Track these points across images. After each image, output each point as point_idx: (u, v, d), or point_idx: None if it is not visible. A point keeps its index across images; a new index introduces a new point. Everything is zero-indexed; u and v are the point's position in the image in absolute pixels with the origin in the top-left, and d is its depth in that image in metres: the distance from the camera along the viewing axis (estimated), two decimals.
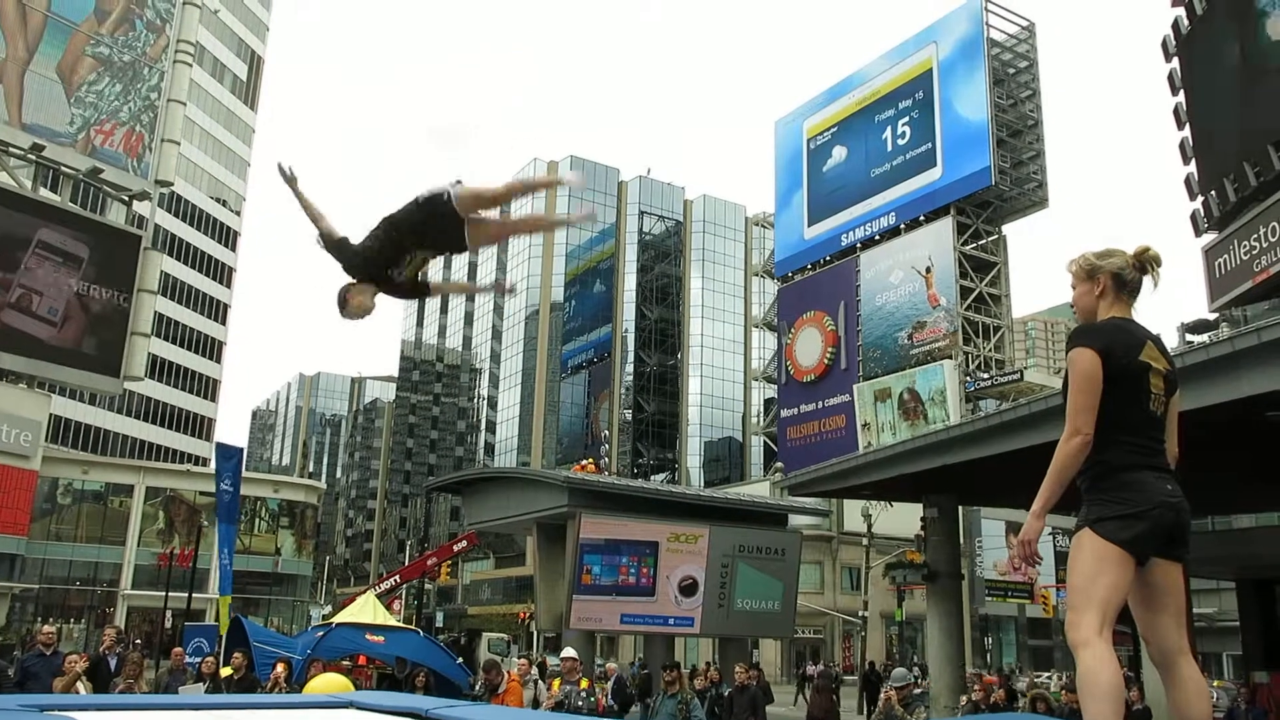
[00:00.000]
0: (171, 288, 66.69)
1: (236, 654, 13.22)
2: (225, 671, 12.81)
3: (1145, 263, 3.15)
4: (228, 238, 76.89)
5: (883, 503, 30.04)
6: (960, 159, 51.18)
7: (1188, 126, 23.85)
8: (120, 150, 45.90)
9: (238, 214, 78.46)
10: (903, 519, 32.03)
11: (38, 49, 43.41)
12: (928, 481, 20.50)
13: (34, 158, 42.58)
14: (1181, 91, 24.13)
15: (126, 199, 47.41)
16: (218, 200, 75.61)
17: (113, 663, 12.00)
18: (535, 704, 12.44)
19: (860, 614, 38.09)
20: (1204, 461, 2.89)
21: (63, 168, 44.09)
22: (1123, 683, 2.78)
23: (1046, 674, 41.08)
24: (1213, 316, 24.32)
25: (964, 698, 17.16)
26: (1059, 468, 2.98)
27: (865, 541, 35.88)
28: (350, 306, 4.73)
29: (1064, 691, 16.18)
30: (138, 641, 39.11)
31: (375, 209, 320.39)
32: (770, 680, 27.26)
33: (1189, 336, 22.00)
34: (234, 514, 25.77)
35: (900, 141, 54.97)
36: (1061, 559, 49.10)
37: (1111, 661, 2.77)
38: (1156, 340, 3.11)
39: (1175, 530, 2.92)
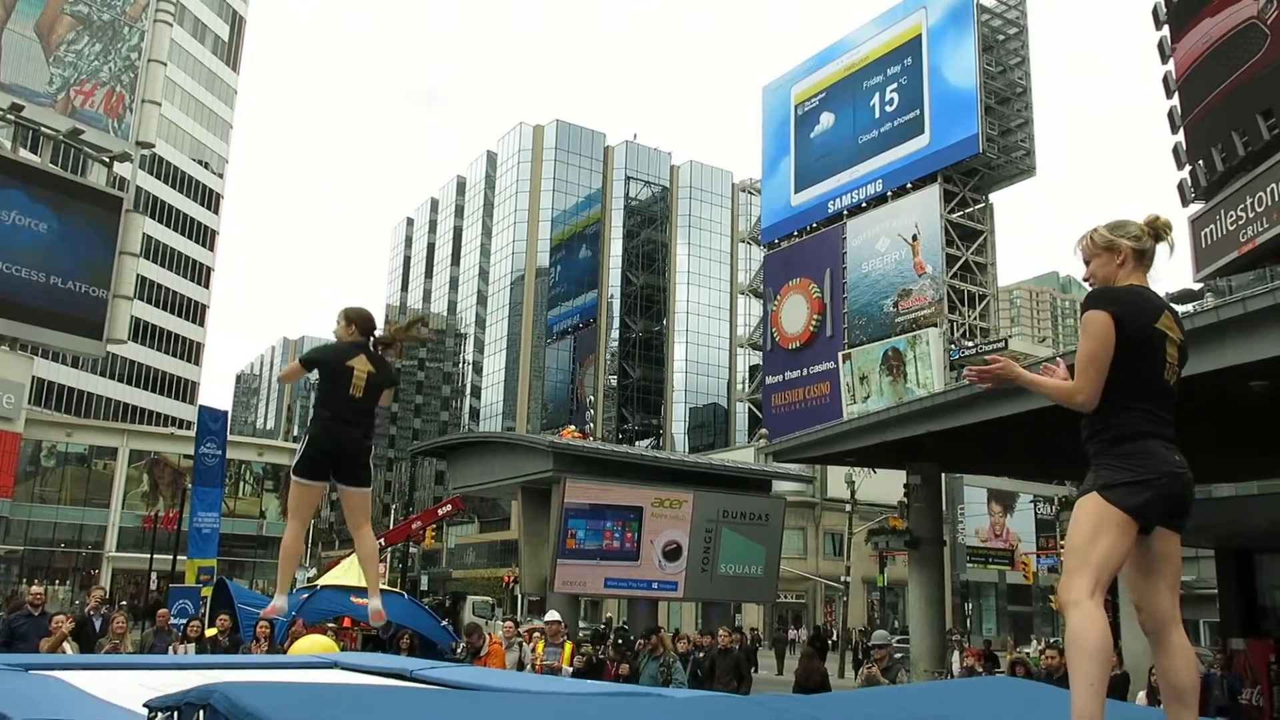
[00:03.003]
0: (154, 250, 66.16)
1: (222, 615, 13.24)
2: (210, 632, 12.83)
3: (1158, 230, 3.18)
4: (210, 200, 76.17)
5: (866, 469, 30.20)
6: (948, 126, 51.03)
7: (1177, 95, 23.80)
8: (100, 111, 45.33)
9: (220, 176, 77.70)
10: (886, 485, 32.22)
11: (15, 7, 42.72)
12: (911, 448, 20.62)
13: (13, 118, 42.04)
14: (1171, 59, 24.06)
15: (107, 160, 46.90)
16: (199, 162, 74.83)
17: (98, 623, 12.02)
18: (520, 666, 12.50)
19: (842, 579, 38.40)
20: (1186, 431, 2.90)
21: (42, 128, 43.53)
22: (1111, 643, 2.80)
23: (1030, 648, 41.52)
24: (1197, 287, 24.38)
25: (956, 665, 17.32)
26: (1052, 395, 3.08)
27: (848, 508, 36.08)
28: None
29: (1043, 655, 16.39)
30: (123, 603, 39.16)
31: (357, 174, 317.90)
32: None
33: (1173, 307, 22.06)
34: (219, 477, 25.78)
35: (888, 108, 54.74)
36: (1043, 526, 49.72)
37: (1101, 621, 2.79)
38: (1172, 310, 3.13)
39: (1179, 500, 2.94)
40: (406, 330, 5.76)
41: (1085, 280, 3.24)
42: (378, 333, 5.52)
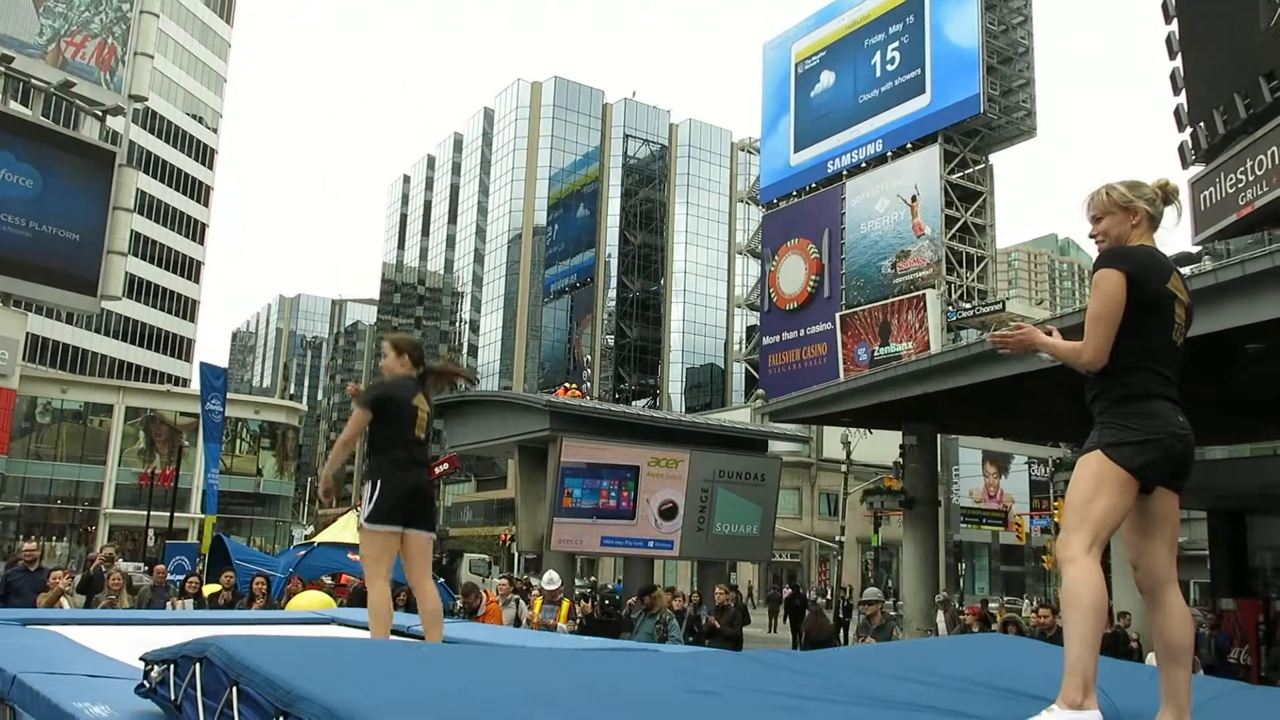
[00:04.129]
0: (148, 206, 65.75)
1: (228, 572, 13.23)
2: (214, 589, 12.82)
3: (1168, 194, 3.17)
4: (205, 155, 75.61)
5: (862, 430, 30.29)
6: (949, 86, 50.63)
7: (1179, 56, 23.60)
8: (92, 63, 44.83)
9: (214, 131, 77.05)
10: (881, 446, 32.33)
11: None
12: (907, 409, 20.67)
13: (3, 70, 41.56)
14: (1175, 20, 23.84)
15: (100, 114, 46.45)
16: (194, 116, 74.17)
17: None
18: (516, 623, 12.59)
19: (837, 539, 38.68)
20: (1181, 393, 2.92)
21: (33, 80, 43.05)
22: (1105, 599, 2.82)
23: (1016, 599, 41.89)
24: (1195, 250, 24.33)
25: (941, 625, 17.42)
26: (1069, 356, 3.04)
27: (844, 468, 36.24)
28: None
29: (1034, 614, 16.51)
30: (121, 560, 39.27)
31: (354, 129, 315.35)
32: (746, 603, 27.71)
33: (1180, 270, 22.00)
34: (220, 434, 26.02)
35: (889, 67, 54.27)
36: (1037, 487, 49.98)
37: (1096, 578, 2.80)
38: (1179, 272, 3.13)
39: (1181, 462, 2.94)
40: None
41: (1091, 237, 3.20)
42: (430, 363, 5.22)
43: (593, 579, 38.80)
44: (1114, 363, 2.95)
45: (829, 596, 38.44)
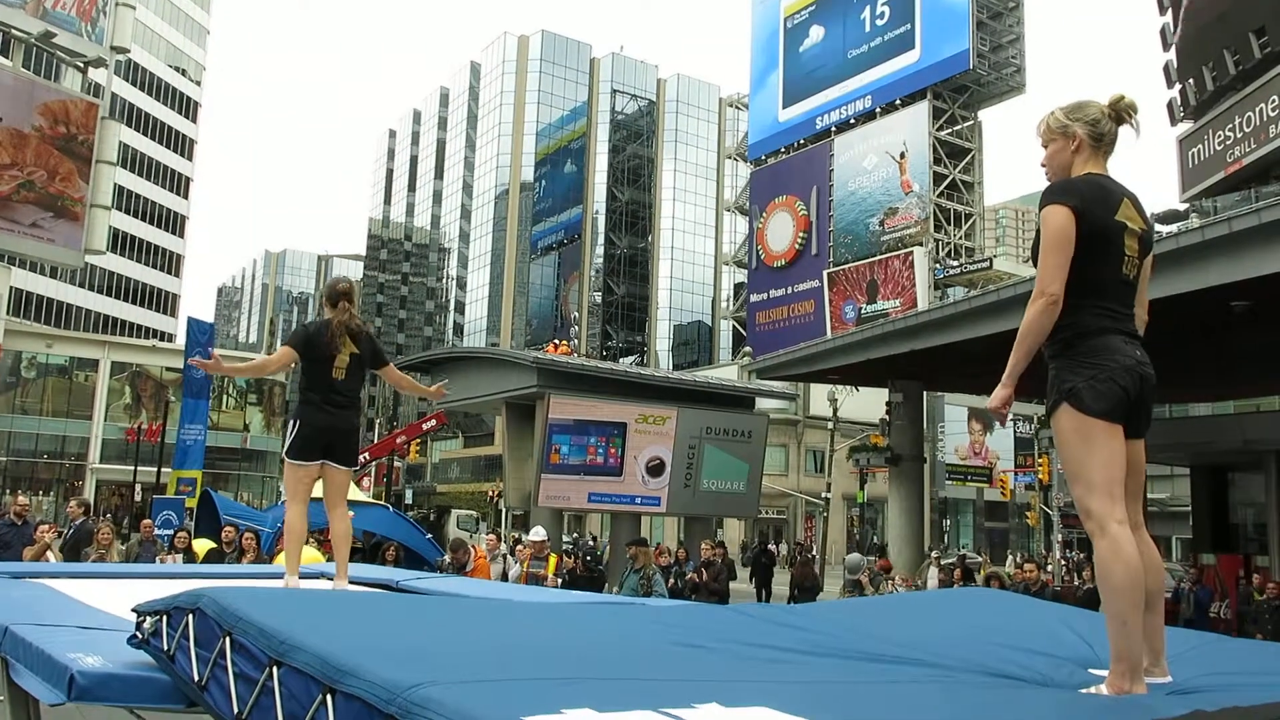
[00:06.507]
0: (131, 159, 65.02)
1: (228, 526, 13.15)
2: (203, 548, 12.75)
3: (1121, 112, 2.99)
4: (188, 108, 74.71)
5: (849, 387, 30.41)
6: (939, 41, 50.24)
7: (1169, 12, 23.50)
8: (73, 14, 44.02)
9: (198, 84, 76.08)
10: (868, 403, 32.49)
11: None
12: (894, 367, 20.78)
13: None
14: None
15: (81, 65, 45.71)
16: (176, 69, 73.18)
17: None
18: (504, 578, 12.69)
19: (823, 495, 38.94)
20: (1163, 350, 2.81)
21: (13, 31, 42.28)
22: (1140, 569, 2.69)
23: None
24: (1183, 207, 24.38)
25: (932, 581, 17.61)
26: (1025, 331, 2.88)
27: (830, 425, 36.40)
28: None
29: (1017, 570, 16.72)
30: (108, 514, 39.39)
31: (340, 82, 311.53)
32: (733, 558, 27.85)
33: (1158, 227, 22.09)
34: (206, 390, 25.92)
35: (879, 22, 53.78)
36: (1021, 444, 50.34)
37: (1126, 549, 2.68)
38: (1133, 198, 2.96)
39: (1141, 400, 2.84)
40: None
41: (1041, 166, 3.04)
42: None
43: (575, 535, 39.01)
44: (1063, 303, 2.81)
45: (812, 553, 38.84)
